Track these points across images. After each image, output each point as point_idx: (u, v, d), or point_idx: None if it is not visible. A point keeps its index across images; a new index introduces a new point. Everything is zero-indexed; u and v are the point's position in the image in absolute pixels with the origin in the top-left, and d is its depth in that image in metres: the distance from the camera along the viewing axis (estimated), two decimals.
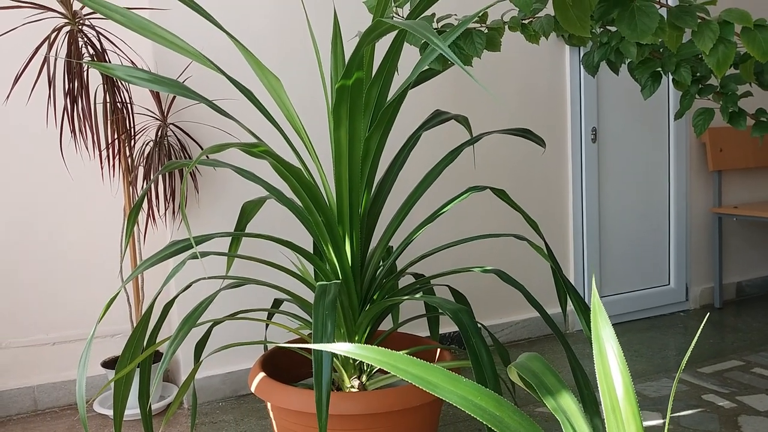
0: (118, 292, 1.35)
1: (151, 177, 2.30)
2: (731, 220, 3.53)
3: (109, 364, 2.36)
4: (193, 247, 1.37)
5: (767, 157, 3.55)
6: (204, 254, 1.52)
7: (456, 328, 2.90)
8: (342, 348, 0.69)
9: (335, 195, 1.60)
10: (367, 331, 1.70)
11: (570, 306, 3.15)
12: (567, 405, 0.90)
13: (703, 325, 3.13)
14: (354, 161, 1.56)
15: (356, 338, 1.68)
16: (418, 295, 1.57)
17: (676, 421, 2.16)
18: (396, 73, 1.63)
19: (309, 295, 2.13)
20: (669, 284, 3.38)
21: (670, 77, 2.85)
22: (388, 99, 1.59)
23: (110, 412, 2.30)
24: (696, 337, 1.14)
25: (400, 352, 1.47)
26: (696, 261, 3.46)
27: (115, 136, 2.27)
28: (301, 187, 1.52)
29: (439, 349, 1.82)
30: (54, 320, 2.46)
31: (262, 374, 1.61)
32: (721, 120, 3.46)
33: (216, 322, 1.75)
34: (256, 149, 1.33)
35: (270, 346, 2.20)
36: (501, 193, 1.84)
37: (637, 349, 2.89)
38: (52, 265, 2.45)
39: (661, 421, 2.17)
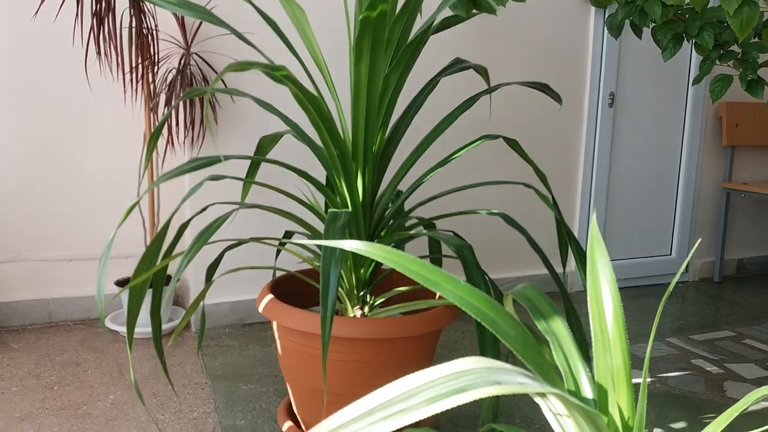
0: (137, 202, 1.40)
1: (172, 104, 2.34)
2: (739, 197, 3.55)
3: (122, 283, 2.45)
4: (213, 164, 1.42)
5: None
6: (219, 177, 1.57)
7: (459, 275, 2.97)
8: (351, 245, 0.74)
9: (351, 130, 1.64)
10: (372, 265, 1.77)
11: (570, 267, 3.20)
12: (558, 329, 0.96)
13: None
14: (372, 98, 1.60)
15: (362, 271, 1.75)
16: (424, 231, 1.62)
17: (663, 380, 2.23)
18: (419, 15, 1.65)
19: (320, 227, 2.19)
20: (671, 254, 3.43)
21: (693, 46, 2.83)
22: (410, 38, 1.61)
23: (121, 329, 2.40)
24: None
25: (403, 288, 1.53)
26: (700, 234, 3.50)
27: (139, 61, 2.30)
28: (319, 117, 1.56)
29: None
30: (71, 238, 2.54)
31: (270, 296, 1.68)
32: (740, 95, 3.45)
33: (229, 247, 1.82)
34: (279, 72, 1.37)
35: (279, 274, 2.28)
36: (513, 143, 1.87)
37: (633, 314, 2.95)
38: (71, 182, 2.52)
39: (650, 379, 2.24)
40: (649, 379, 2.23)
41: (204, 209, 1.76)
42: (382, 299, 1.82)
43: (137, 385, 1.52)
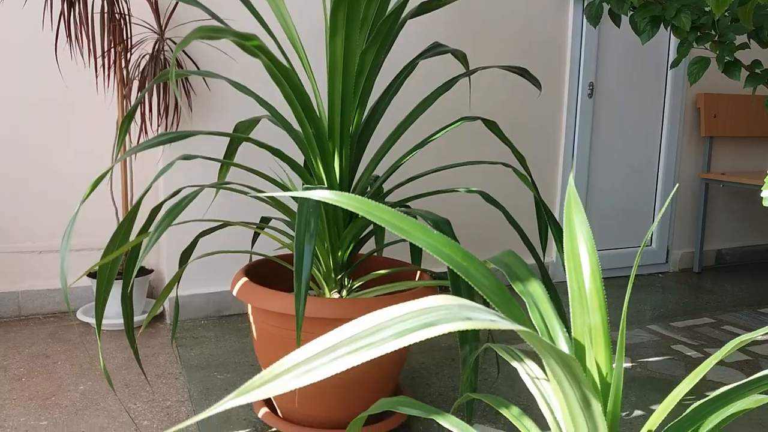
0: (106, 173, 1.36)
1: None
2: (718, 187, 3.57)
3: (95, 275, 2.39)
4: (186, 137, 1.38)
5: (759, 127, 3.58)
6: (191, 157, 1.53)
7: (439, 270, 2.95)
8: (322, 195, 0.71)
9: (327, 108, 1.61)
10: (350, 248, 1.73)
11: (551, 257, 3.19)
12: (534, 290, 0.93)
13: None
14: (348, 74, 1.57)
15: (339, 253, 1.72)
16: (401, 208, 1.59)
17: (644, 365, 2.22)
18: None
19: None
20: (651, 245, 3.44)
21: (670, 31, 2.84)
22: (387, 13, 1.59)
23: (93, 320, 2.34)
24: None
25: (382, 270, 1.48)
26: (680, 225, 3.51)
27: (111, 46, 2.25)
28: (293, 92, 1.53)
29: (419, 271, 1.86)
30: (41, 230, 2.48)
31: (245, 279, 1.64)
32: (718, 86, 3.48)
33: (203, 232, 1.77)
34: (250, 42, 1.33)
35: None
36: (492, 125, 1.85)
37: (613, 302, 2.95)
38: (40, 172, 2.45)
39: (630, 364, 2.23)
40: (629, 364, 2.22)
41: (177, 192, 1.72)
42: (361, 282, 1.78)
43: (106, 370, 1.46)
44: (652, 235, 3.44)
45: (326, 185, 1.70)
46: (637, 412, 1.85)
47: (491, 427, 1.72)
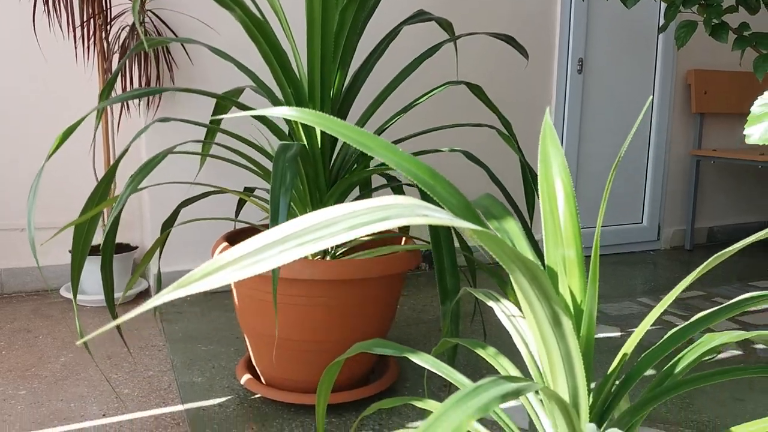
0: (83, 120, 1.33)
1: (127, 64, 2.26)
2: (709, 164, 3.56)
3: None
4: (158, 92, 1.35)
5: (750, 103, 3.56)
6: (167, 119, 1.50)
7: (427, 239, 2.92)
8: (282, 111, 0.68)
9: (307, 69, 1.58)
10: None
11: (540, 235, 3.17)
12: (510, 227, 0.91)
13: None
14: (327, 33, 1.54)
15: None
16: (383, 166, 1.56)
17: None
18: None
19: None
20: (642, 223, 3.42)
21: (660, 4, 2.82)
22: None
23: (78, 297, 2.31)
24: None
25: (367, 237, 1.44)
26: (671, 202, 3.50)
27: (91, 16, 2.22)
28: (270, 50, 1.49)
29: (404, 238, 1.83)
30: (23, 207, 2.44)
31: (225, 244, 1.61)
32: (708, 62, 3.45)
33: (185, 202, 1.74)
34: None
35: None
36: (477, 90, 1.82)
37: (604, 277, 2.93)
38: (22, 148, 2.42)
39: (619, 333, 2.22)
40: (617, 333, 2.20)
41: (158, 156, 1.69)
42: (344, 249, 1.76)
43: (83, 335, 1.44)
44: (643, 212, 3.43)
45: (308, 148, 1.67)
46: None
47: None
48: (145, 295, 2.46)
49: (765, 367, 0.78)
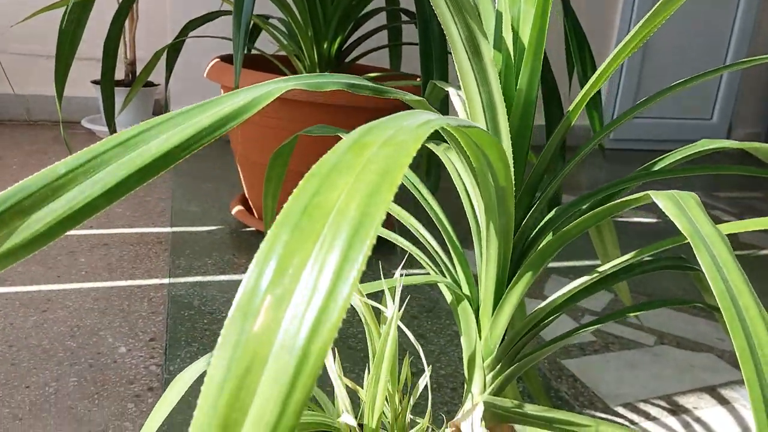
0: None
1: None
2: None
3: (99, 82, 2.31)
4: None
5: None
6: None
7: None
8: None
9: None
10: (337, 41, 1.56)
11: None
12: None
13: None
14: None
15: (325, 45, 1.54)
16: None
17: (668, 221, 2.02)
18: None
19: None
20: (711, 119, 3.10)
21: None
22: None
23: (97, 128, 2.29)
24: None
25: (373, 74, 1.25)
26: (747, 101, 3.14)
27: None
28: None
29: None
30: (50, 34, 2.39)
31: (217, 60, 1.50)
32: None
33: (192, 22, 1.62)
34: None
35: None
36: None
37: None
38: None
39: (655, 219, 2.03)
40: (654, 219, 2.02)
41: None
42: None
43: (67, 140, 1.39)
44: (714, 107, 3.09)
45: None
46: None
47: None
48: None
49: None
